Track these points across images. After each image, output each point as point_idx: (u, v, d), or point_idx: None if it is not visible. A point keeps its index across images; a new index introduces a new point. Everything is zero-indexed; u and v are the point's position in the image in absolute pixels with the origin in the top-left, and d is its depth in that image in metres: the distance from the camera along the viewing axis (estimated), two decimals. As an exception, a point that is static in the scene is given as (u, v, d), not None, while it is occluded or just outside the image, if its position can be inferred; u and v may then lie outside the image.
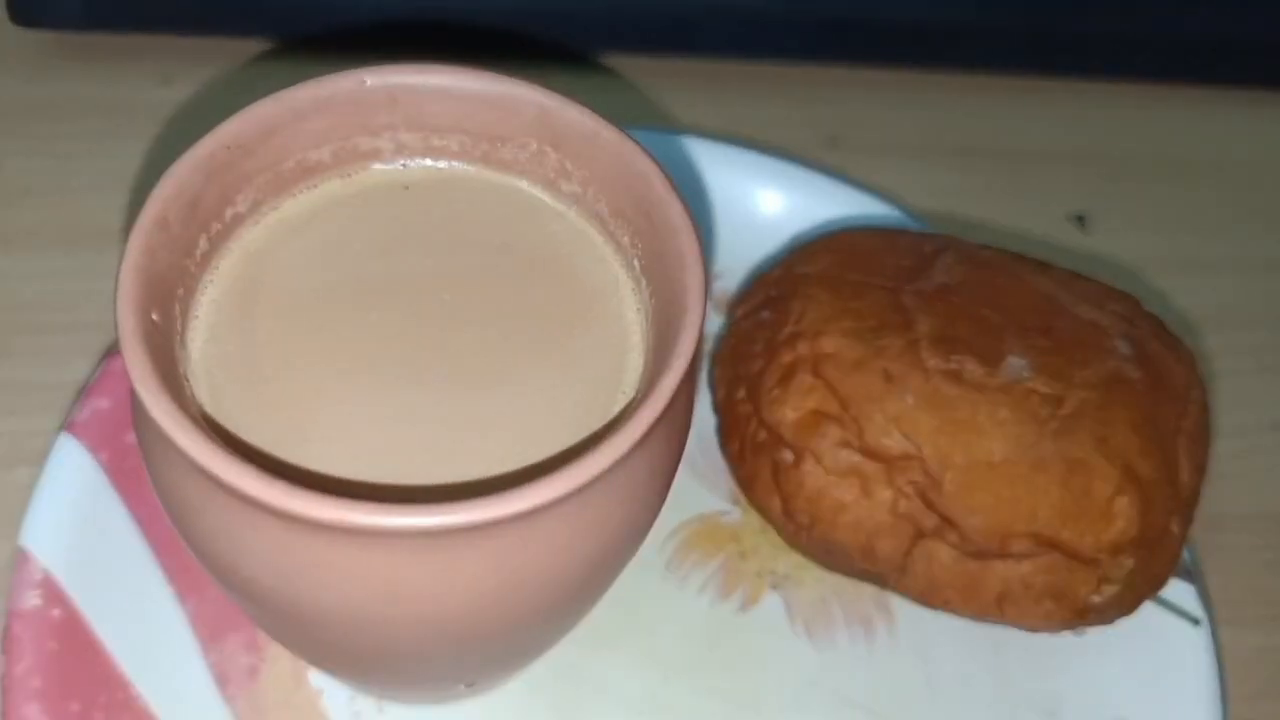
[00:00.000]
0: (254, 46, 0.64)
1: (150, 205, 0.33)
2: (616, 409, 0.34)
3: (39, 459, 0.46)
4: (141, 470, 0.44)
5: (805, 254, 0.47)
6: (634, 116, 0.63)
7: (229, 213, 0.36)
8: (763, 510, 0.45)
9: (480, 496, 0.29)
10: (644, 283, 0.36)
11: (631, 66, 0.66)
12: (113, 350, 0.48)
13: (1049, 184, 0.64)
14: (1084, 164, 0.66)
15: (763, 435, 0.44)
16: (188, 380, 0.33)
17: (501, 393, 0.34)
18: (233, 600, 0.36)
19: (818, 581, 0.48)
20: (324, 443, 0.33)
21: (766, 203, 0.56)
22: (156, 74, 0.62)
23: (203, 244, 0.35)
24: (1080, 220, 0.62)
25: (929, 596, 0.43)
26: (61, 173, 0.58)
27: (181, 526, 0.33)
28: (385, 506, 0.28)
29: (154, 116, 0.61)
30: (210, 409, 0.33)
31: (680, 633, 0.47)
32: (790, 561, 0.48)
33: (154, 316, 0.32)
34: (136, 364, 0.30)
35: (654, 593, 0.47)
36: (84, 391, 0.47)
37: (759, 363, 0.44)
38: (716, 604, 0.47)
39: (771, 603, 0.48)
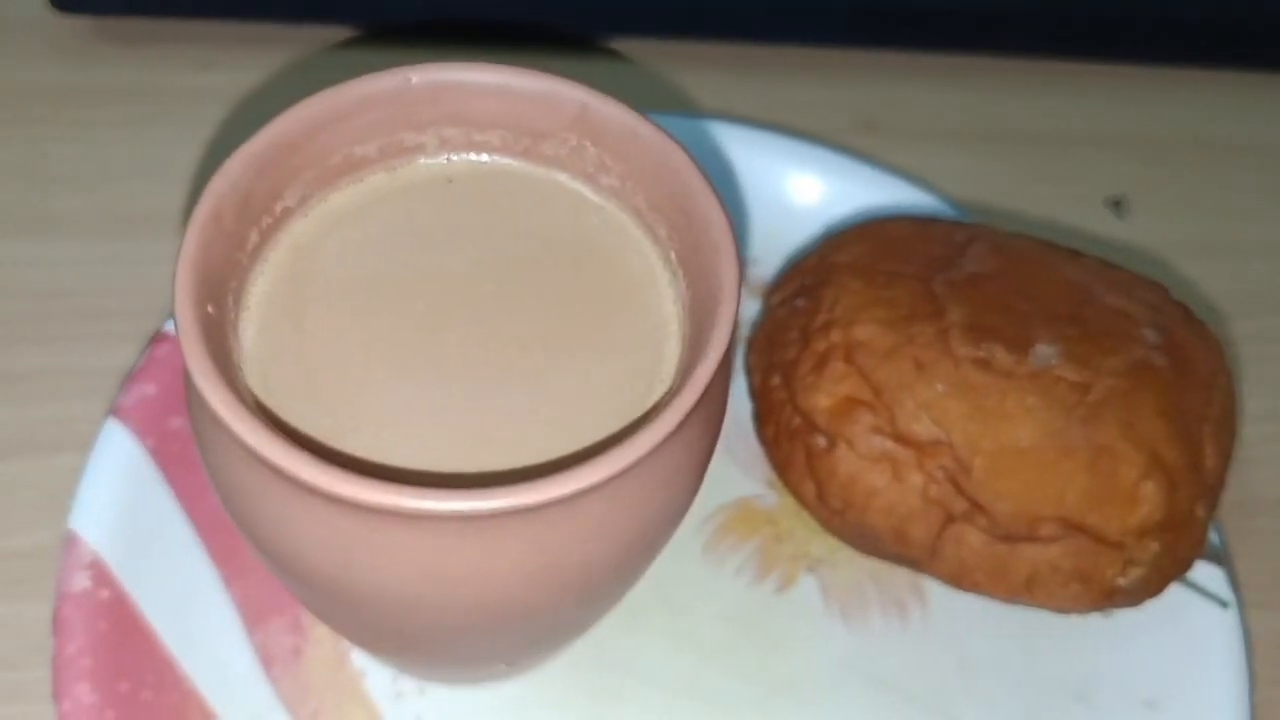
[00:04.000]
0: (291, 32, 0.66)
1: (205, 200, 0.35)
2: (654, 398, 0.37)
3: (84, 444, 0.49)
4: (187, 455, 0.48)
5: (839, 243, 0.49)
6: (666, 102, 0.65)
7: (279, 206, 0.38)
8: (797, 494, 0.47)
9: (523, 482, 0.31)
10: (680, 274, 0.39)
11: (665, 52, 0.68)
12: (157, 336, 0.51)
13: (1084, 169, 0.66)
14: (1119, 149, 0.68)
15: (797, 421, 0.46)
16: (241, 369, 0.36)
17: (542, 382, 0.37)
18: (282, 582, 0.39)
19: (852, 564, 0.50)
20: (373, 430, 0.35)
21: (801, 188, 0.58)
22: (195, 60, 0.65)
23: (254, 237, 0.38)
24: (1117, 205, 0.64)
25: (959, 579, 0.46)
26: (101, 159, 0.61)
27: (234, 511, 0.35)
28: (432, 491, 0.31)
29: (193, 102, 0.63)
30: (263, 397, 0.36)
31: (717, 615, 0.49)
32: (825, 545, 0.50)
33: (209, 309, 0.34)
34: (194, 355, 0.32)
35: (691, 575, 0.50)
36: (129, 377, 0.50)
37: (794, 350, 0.46)
38: (753, 586, 0.50)
39: (807, 585, 0.50)
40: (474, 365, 0.37)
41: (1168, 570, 0.45)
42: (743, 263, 0.36)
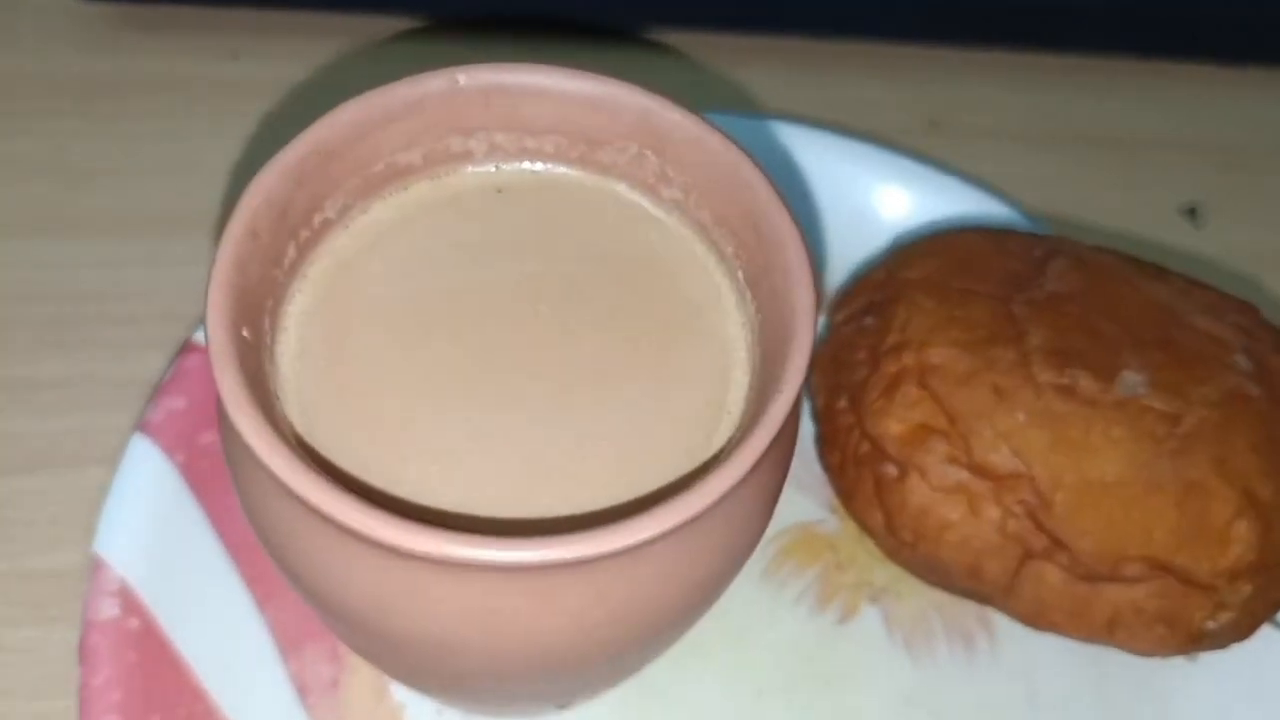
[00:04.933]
0: (326, 20, 0.64)
1: (239, 215, 0.33)
2: (721, 430, 0.35)
3: (111, 458, 0.47)
4: (218, 472, 0.45)
5: (908, 257, 0.46)
6: (727, 99, 0.63)
7: (317, 219, 0.36)
8: (863, 523, 0.45)
9: (585, 528, 0.29)
10: (749, 296, 0.36)
11: (723, 46, 0.65)
12: (186, 346, 0.49)
13: (1159, 174, 0.64)
14: (1197, 153, 0.65)
15: (865, 447, 0.44)
16: (278, 398, 0.34)
17: (601, 412, 0.34)
18: (322, 619, 0.37)
19: (917, 594, 0.48)
20: (421, 465, 0.33)
21: (867, 193, 0.55)
22: (224, 49, 0.63)
23: (291, 252, 0.36)
24: (1192, 213, 0.61)
25: (1035, 618, 0.43)
26: (126, 154, 0.59)
27: (271, 548, 0.33)
28: (486, 539, 0.29)
29: (223, 94, 0.61)
30: (301, 428, 0.34)
31: (774, 646, 0.47)
32: (889, 573, 0.48)
33: (244, 333, 0.32)
34: (229, 386, 0.30)
35: (750, 602, 0.47)
36: (157, 390, 0.48)
37: (862, 371, 0.44)
38: (813, 616, 0.48)
39: (870, 616, 0.48)
40: (528, 394, 0.35)
41: (1259, 613, 0.42)
42: (820, 289, 0.34)
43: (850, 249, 0.54)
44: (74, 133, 0.59)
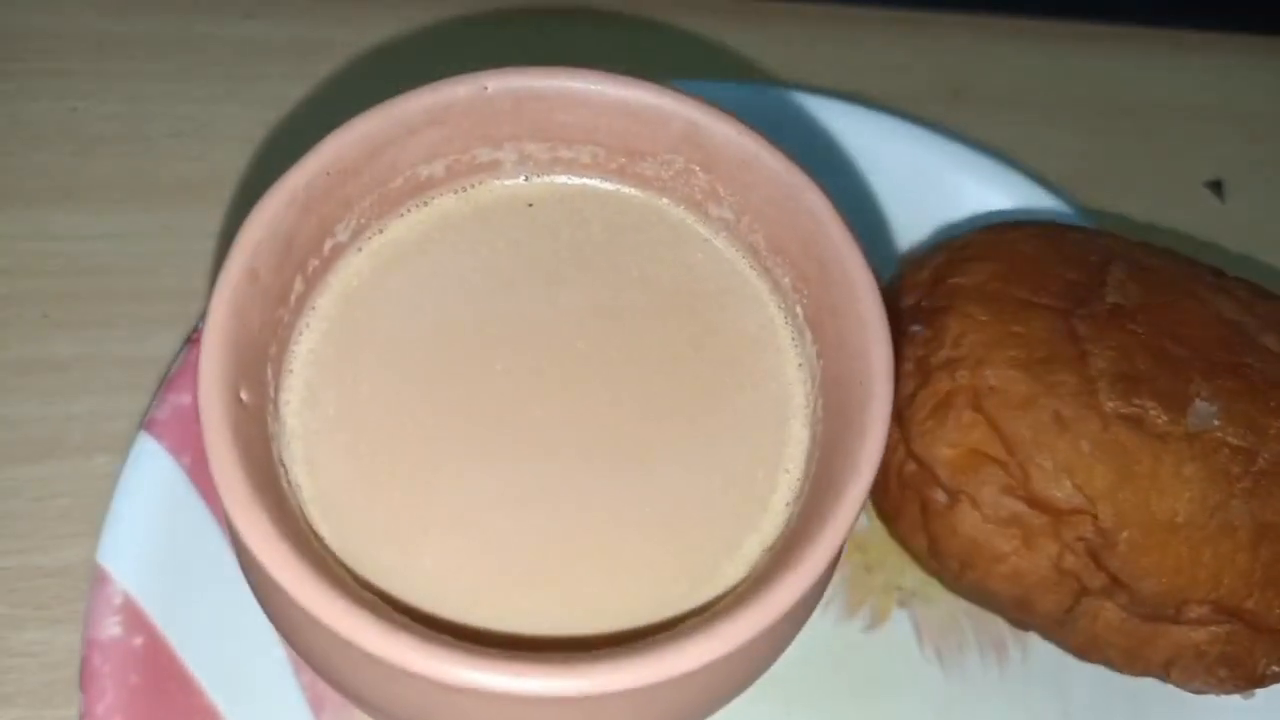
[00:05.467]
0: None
1: (236, 255, 0.26)
2: (779, 494, 0.28)
3: (119, 446, 0.40)
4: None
5: (958, 258, 0.39)
6: (752, 65, 0.54)
7: (328, 245, 0.29)
8: (905, 544, 0.38)
9: (630, 649, 0.22)
10: (809, 336, 0.29)
11: (741, 10, 0.57)
12: (194, 336, 0.41)
13: (1184, 144, 0.56)
14: (1224, 122, 0.57)
15: (911, 468, 0.37)
16: (284, 465, 0.26)
17: (645, 474, 0.27)
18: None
19: (947, 599, 0.41)
20: (442, 533, 0.26)
21: (901, 171, 0.47)
22: (238, 8, 0.54)
23: (298, 285, 0.28)
24: (1216, 187, 0.54)
25: (1086, 652, 0.37)
26: (137, 117, 0.50)
27: (295, 645, 0.26)
28: (526, 667, 0.22)
29: (237, 54, 0.52)
30: (308, 495, 0.26)
31: (804, 655, 0.39)
32: (919, 576, 0.41)
33: (243, 395, 0.25)
34: (230, 484, 0.23)
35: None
36: (164, 384, 0.40)
37: (910, 384, 0.37)
38: (841, 622, 0.41)
39: (899, 621, 0.41)
40: (563, 450, 0.28)
41: (1324, 654, 0.36)
42: (898, 341, 0.27)
43: (887, 232, 0.46)
44: (83, 94, 0.51)
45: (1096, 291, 0.37)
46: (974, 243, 0.39)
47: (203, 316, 0.41)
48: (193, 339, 0.41)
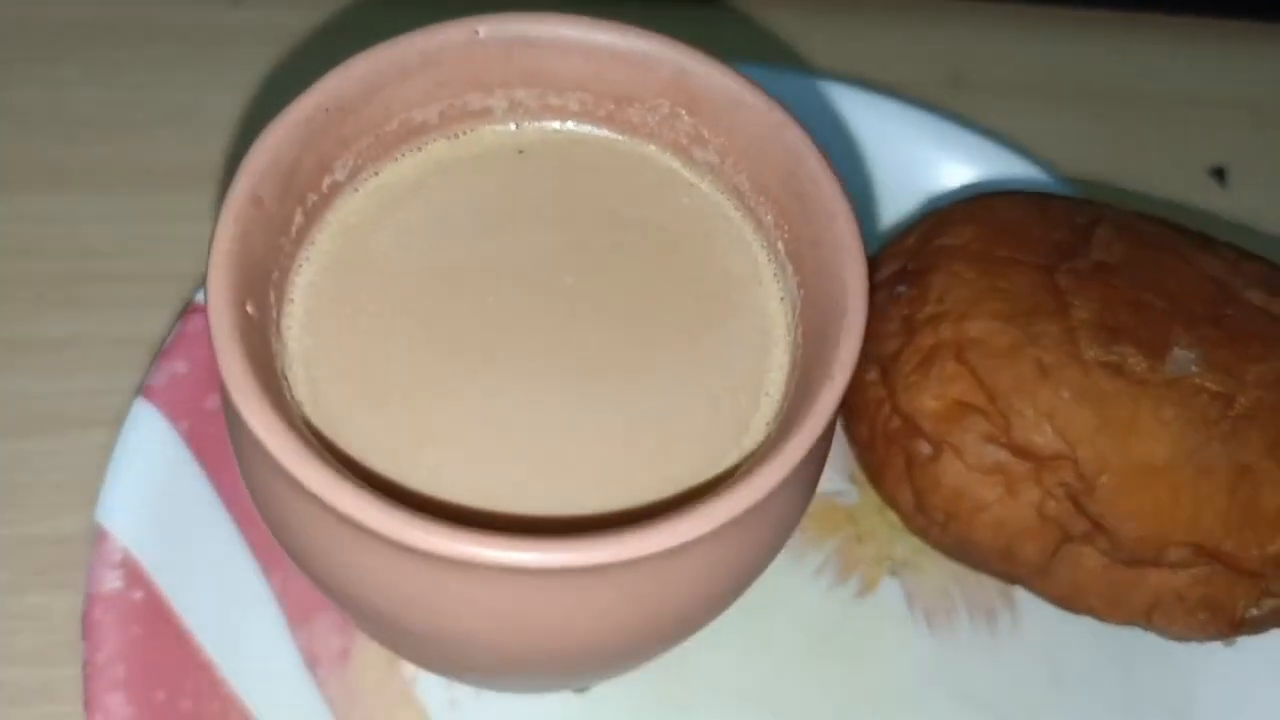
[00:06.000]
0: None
1: (241, 180, 0.29)
2: (760, 414, 0.30)
3: (115, 420, 0.42)
4: (223, 439, 0.41)
5: (944, 222, 0.42)
6: (742, 50, 0.57)
7: (326, 181, 0.32)
8: (891, 501, 0.41)
9: (620, 526, 0.25)
10: (789, 269, 0.32)
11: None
12: (189, 308, 0.44)
13: (1186, 131, 0.59)
14: (1225, 110, 0.60)
15: (896, 423, 0.39)
16: (285, 378, 0.29)
17: (631, 393, 0.30)
18: (334, 605, 0.32)
19: (938, 568, 0.44)
20: (436, 447, 0.29)
21: (895, 152, 0.50)
22: (225, -3, 0.57)
23: (298, 218, 0.31)
24: (1219, 174, 0.57)
25: (1069, 601, 0.39)
26: (127, 104, 0.54)
27: (282, 539, 0.29)
28: (516, 541, 0.25)
29: (224, 42, 0.56)
30: (310, 409, 0.29)
31: (793, 620, 0.43)
32: (909, 545, 0.44)
33: (249, 309, 0.28)
34: (235, 373, 0.26)
35: (766, 577, 0.43)
36: (160, 353, 0.43)
37: (895, 343, 0.40)
38: (833, 589, 0.44)
39: (890, 589, 0.44)
40: (553, 372, 0.30)
41: (1305, 600, 0.38)
42: (871, 265, 0.30)
43: (877, 208, 0.50)
44: (74, 82, 0.54)
45: (1081, 250, 0.40)
46: (960, 208, 0.42)
47: (198, 287, 0.45)
48: (187, 310, 0.44)
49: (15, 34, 0.55)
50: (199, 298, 0.44)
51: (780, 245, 0.32)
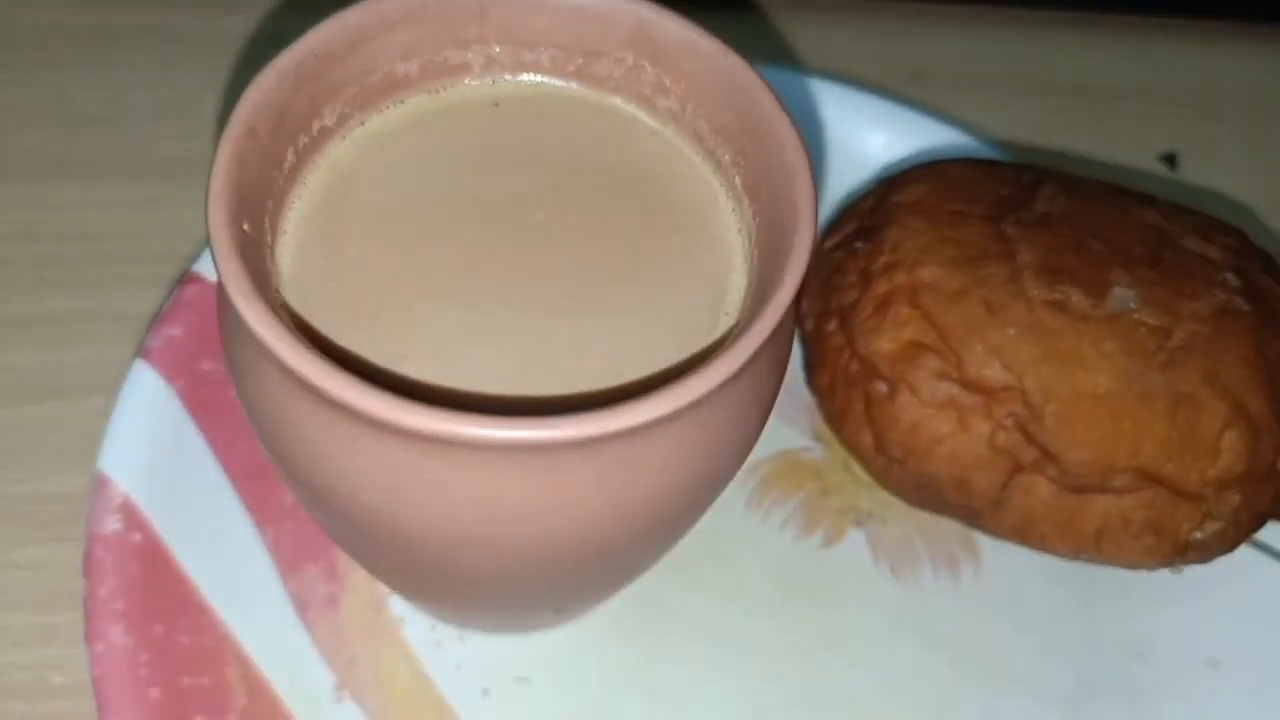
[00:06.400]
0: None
1: (239, 112, 0.31)
2: (719, 331, 0.33)
3: (113, 389, 0.45)
4: (217, 399, 0.44)
5: (899, 183, 0.45)
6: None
7: (316, 125, 0.34)
8: (852, 444, 0.43)
9: (590, 410, 0.27)
10: (746, 201, 0.35)
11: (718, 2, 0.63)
12: (184, 278, 0.47)
13: (1137, 124, 0.62)
14: (1174, 104, 0.63)
15: (856, 367, 0.42)
16: (279, 293, 0.32)
17: (599, 313, 0.33)
18: (320, 523, 0.35)
19: (902, 519, 0.46)
20: (423, 358, 0.31)
21: (855, 136, 0.54)
22: (219, 2, 0.60)
23: (290, 157, 0.34)
24: (1170, 161, 0.60)
25: (1024, 532, 0.42)
26: (124, 102, 0.57)
27: (274, 445, 0.31)
28: (491, 418, 0.27)
29: (217, 45, 0.59)
30: (303, 319, 0.32)
31: (762, 568, 0.45)
32: (874, 499, 0.46)
33: (245, 227, 0.30)
34: (231, 273, 0.28)
35: (735, 528, 0.46)
36: (157, 319, 0.46)
37: (853, 294, 0.42)
38: (799, 540, 0.46)
39: (855, 540, 0.46)
40: (527, 293, 0.33)
41: (1245, 524, 0.41)
42: (818, 186, 0.32)
43: (837, 185, 0.53)
44: (73, 82, 0.57)
45: (1027, 203, 0.42)
46: (913, 171, 0.45)
47: (192, 260, 0.48)
48: (183, 280, 0.47)
49: (19, 37, 0.58)
50: (195, 268, 0.47)
51: (738, 180, 0.35)
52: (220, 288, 0.29)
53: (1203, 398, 0.39)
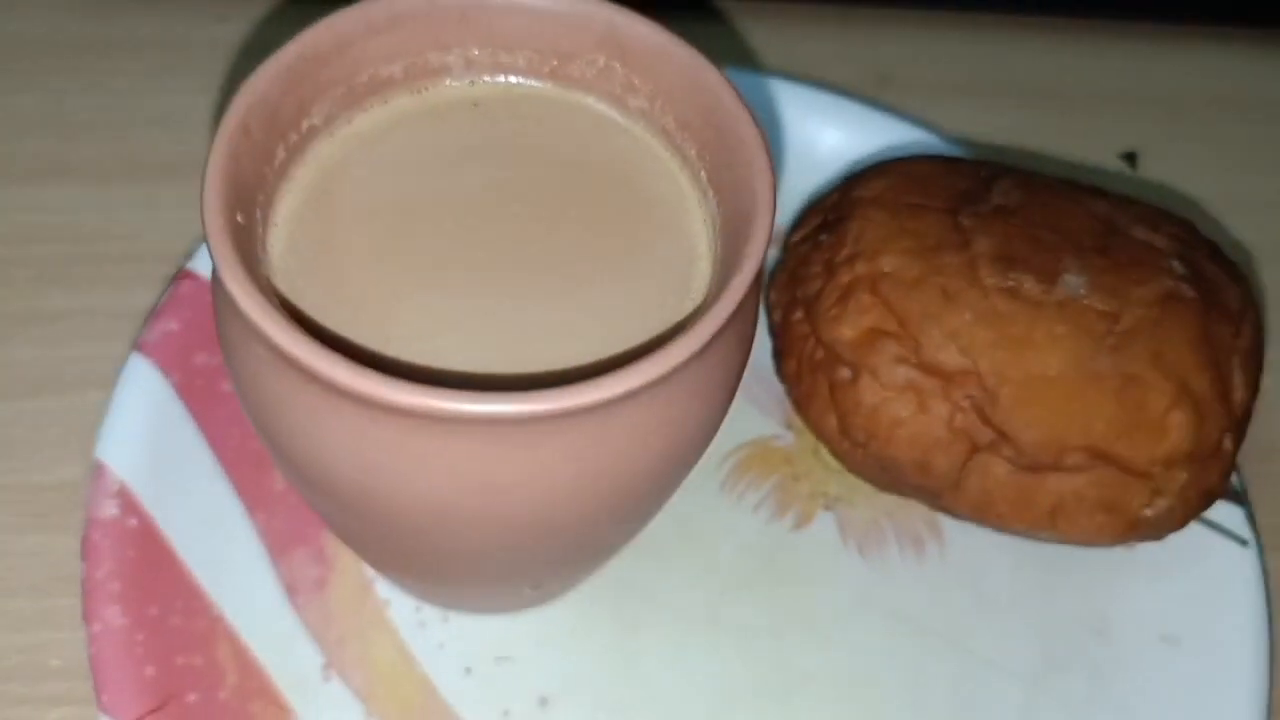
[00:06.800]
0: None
1: (233, 110, 0.34)
2: (685, 313, 0.35)
3: (110, 382, 0.47)
4: (211, 390, 0.46)
5: (861, 179, 0.47)
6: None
7: (305, 124, 0.36)
8: (818, 429, 0.46)
9: (560, 386, 0.29)
10: (710, 194, 0.37)
11: (688, 7, 0.66)
12: (180, 274, 0.49)
13: (1098, 124, 0.64)
14: (1133, 104, 0.66)
15: (820, 354, 0.44)
16: (269, 280, 0.34)
17: (573, 300, 0.35)
18: (309, 501, 0.37)
19: (870, 502, 0.48)
20: (404, 341, 0.33)
21: (820, 136, 0.56)
22: (212, 12, 0.62)
23: (280, 153, 0.36)
24: (1130, 159, 0.62)
25: (982, 511, 0.44)
26: (121, 108, 0.59)
27: (263, 424, 0.33)
28: (468, 393, 0.29)
29: (209, 54, 0.61)
30: (293, 300, 0.34)
31: (736, 549, 0.47)
32: (843, 483, 0.49)
33: (239, 218, 0.33)
34: (224, 257, 0.30)
35: (710, 511, 0.48)
36: (153, 314, 0.48)
37: (817, 284, 0.44)
38: (771, 522, 0.48)
39: (824, 522, 0.48)
40: (504, 282, 0.35)
41: (1193, 502, 0.43)
42: (776, 176, 0.34)
43: (804, 184, 0.55)
44: (73, 89, 0.59)
45: (983, 196, 0.45)
46: (875, 167, 0.47)
47: (187, 258, 0.50)
48: (179, 276, 0.49)
49: (18, 46, 0.61)
50: (190, 265, 0.49)
51: (703, 174, 0.37)
52: (214, 273, 0.31)
53: (1149, 379, 0.41)
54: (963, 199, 0.44)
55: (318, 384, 0.30)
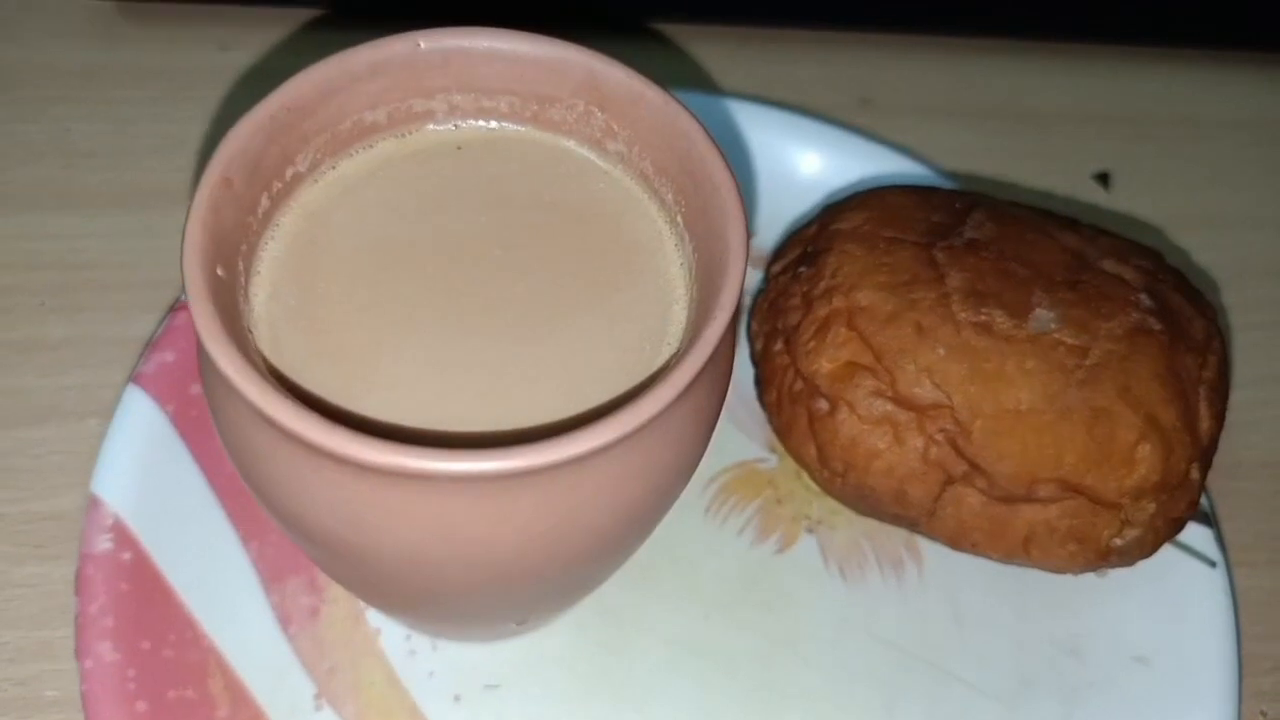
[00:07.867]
0: (308, 14, 0.63)
1: (214, 164, 0.33)
2: (661, 360, 0.34)
3: (108, 411, 0.46)
4: (206, 420, 0.45)
5: (840, 211, 0.46)
6: (676, 80, 0.62)
7: (289, 172, 0.36)
8: (798, 457, 0.45)
9: (533, 442, 0.29)
10: (687, 238, 0.36)
11: (675, 32, 0.65)
12: (176, 305, 0.48)
13: (1073, 145, 0.63)
14: (1106, 125, 0.65)
15: (799, 385, 0.43)
16: (251, 332, 0.33)
17: (551, 343, 0.34)
18: (296, 544, 0.36)
19: (850, 525, 0.48)
20: (385, 390, 0.33)
21: (802, 162, 0.55)
22: (214, 40, 0.62)
23: (264, 202, 0.35)
24: (1103, 179, 0.61)
25: (957, 540, 0.43)
26: (123, 136, 0.58)
27: (247, 474, 0.33)
28: (439, 452, 0.28)
29: (212, 82, 0.60)
30: (273, 359, 0.33)
31: (720, 572, 0.47)
32: (824, 506, 0.48)
33: (219, 271, 0.32)
34: (204, 317, 0.30)
35: (695, 535, 0.47)
36: (150, 345, 0.47)
37: (796, 315, 0.44)
38: (755, 546, 0.47)
39: (807, 545, 0.47)
40: (483, 327, 0.34)
41: (1162, 530, 0.42)
42: (749, 225, 0.34)
43: (786, 209, 0.54)
44: (76, 116, 0.58)
45: (956, 229, 0.44)
46: (854, 198, 0.47)
47: (183, 289, 0.49)
48: (175, 308, 0.48)
49: (23, 75, 0.60)
50: (185, 297, 0.48)
51: (679, 219, 0.36)
52: (195, 331, 0.30)
53: (1118, 412, 0.40)
54: (937, 232, 0.44)
55: (294, 441, 0.29)
